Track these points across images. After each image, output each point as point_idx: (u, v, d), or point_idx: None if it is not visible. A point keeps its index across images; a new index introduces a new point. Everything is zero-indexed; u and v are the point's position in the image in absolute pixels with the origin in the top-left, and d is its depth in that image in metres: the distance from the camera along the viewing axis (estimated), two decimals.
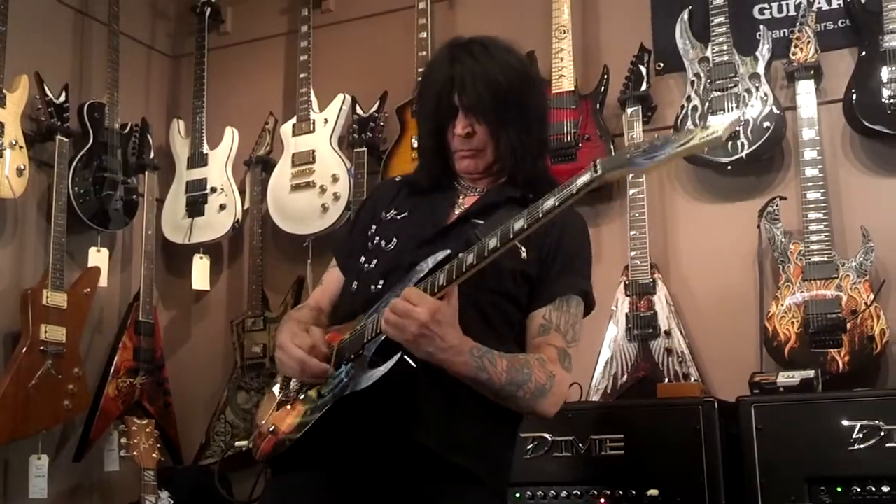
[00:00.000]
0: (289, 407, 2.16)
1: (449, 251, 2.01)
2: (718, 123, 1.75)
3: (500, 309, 2.15)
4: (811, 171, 3.50)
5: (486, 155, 2.25)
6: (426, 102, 2.30)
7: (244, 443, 3.63)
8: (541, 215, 1.86)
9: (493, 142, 2.22)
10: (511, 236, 1.88)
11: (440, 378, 1.99)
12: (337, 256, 2.44)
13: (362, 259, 2.27)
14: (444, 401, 2.04)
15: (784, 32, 3.78)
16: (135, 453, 3.67)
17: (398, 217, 2.30)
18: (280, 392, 2.23)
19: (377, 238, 2.27)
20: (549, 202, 1.86)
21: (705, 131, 1.74)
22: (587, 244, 2.32)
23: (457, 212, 2.26)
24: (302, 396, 2.13)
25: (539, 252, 2.16)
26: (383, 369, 1.94)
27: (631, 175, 3.69)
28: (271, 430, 2.15)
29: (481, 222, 2.10)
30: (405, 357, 1.93)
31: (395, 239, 2.23)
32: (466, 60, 2.20)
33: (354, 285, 2.26)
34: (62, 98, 4.13)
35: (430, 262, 2.03)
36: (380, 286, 2.16)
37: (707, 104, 3.70)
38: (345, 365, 2.07)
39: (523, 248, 2.13)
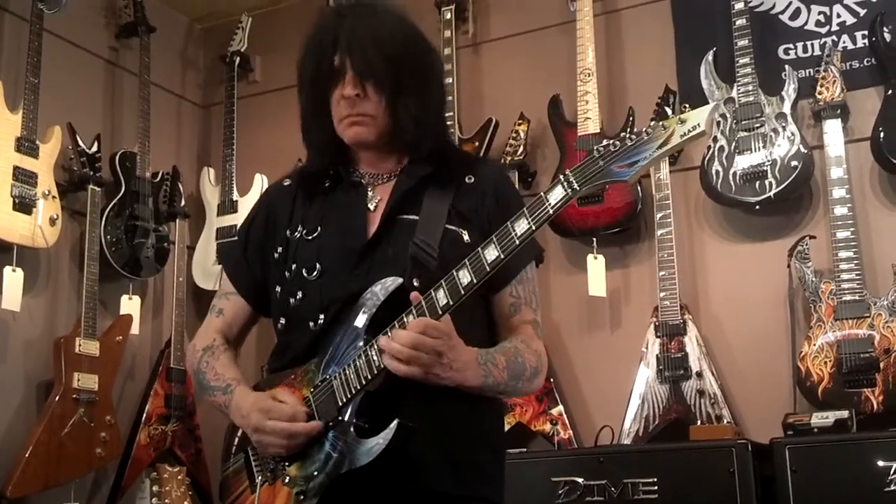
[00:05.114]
0: (269, 487, 1.94)
1: (401, 280, 1.86)
2: (697, 114, 1.59)
3: (473, 302, 1.94)
4: (840, 210, 3.49)
5: (378, 123, 1.98)
6: (306, 68, 2.04)
7: None
8: (517, 242, 1.75)
9: (387, 110, 1.98)
10: (488, 269, 1.77)
11: (420, 414, 1.85)
12: (236, 284, 2.16)
13: (279, 290, 2.05)
14: (434, 437, 1.88)
15: (809, 72, 3.79)
16: (166, 501, 3.68)
17: (310, 237, 2.04)
18: (256, 472, 1.99)
19: (293, 265, 2.03)
20: (523, 225, 1.75)
21: (684, 125, 1.59)
22: (518, 196, 2.13)
23: (372, 209, 2.03)
24: (286, 479, 1.91)
25: (480, 229, 1.96)
26: (383, 442, 1.78)
27: (658, 216, 3.70)
28: None
29: (410, 217, 1.97)
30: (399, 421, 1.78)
31: (317, 265, 2.00)
32: (351, 19, 1.97)
33: (282, 322, 2.06)
34: (94, 148, 4.19)
35: (381, 293, 1.87)
36: (320, 322, 1.96)
37: (734, 144, 3.70)
38: (325, 435, 1.87)
39: (464, 232, 1.98)
